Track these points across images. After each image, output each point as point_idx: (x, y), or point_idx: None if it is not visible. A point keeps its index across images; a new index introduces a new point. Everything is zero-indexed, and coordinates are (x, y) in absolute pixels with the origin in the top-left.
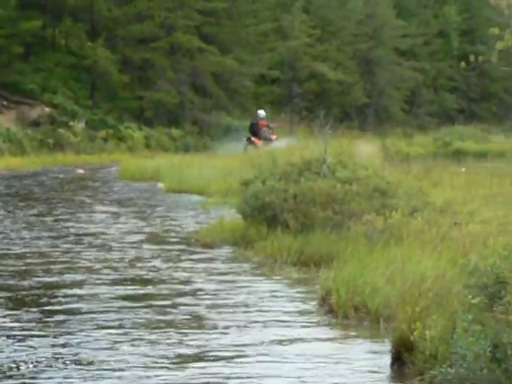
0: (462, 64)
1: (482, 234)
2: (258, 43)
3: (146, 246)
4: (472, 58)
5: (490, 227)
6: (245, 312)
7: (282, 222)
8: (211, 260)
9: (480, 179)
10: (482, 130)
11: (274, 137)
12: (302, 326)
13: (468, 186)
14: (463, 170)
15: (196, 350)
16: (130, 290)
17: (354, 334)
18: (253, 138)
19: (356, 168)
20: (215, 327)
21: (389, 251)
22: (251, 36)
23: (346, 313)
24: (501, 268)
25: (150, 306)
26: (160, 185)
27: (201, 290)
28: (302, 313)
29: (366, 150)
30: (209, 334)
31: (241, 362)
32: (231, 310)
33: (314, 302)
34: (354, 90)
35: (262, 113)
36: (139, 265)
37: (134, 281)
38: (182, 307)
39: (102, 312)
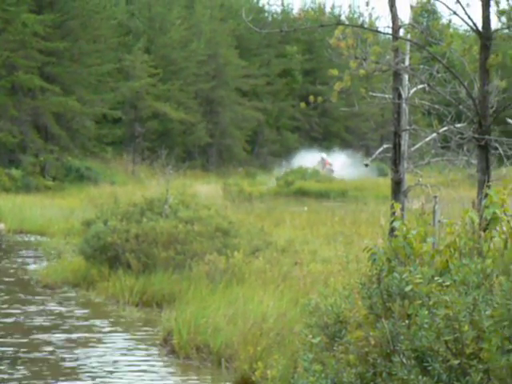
0: (302, 104)
1: (323, 273)
2: (99, 83)
3: None
4: (311, 98)
5: (331, 266)
6: (84, 354)
7: (124, 263)
8: (51, 301)
9: (321, 218)
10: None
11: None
12: (143, 368)
13: (310, 225)
14: (305, 209)
15: None
16: None
17: (195, 375)
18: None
19: (198, 208)
20: (54, 371)
21: (231, 291)
22: (93, 76)
23: (187, 353)
24: (341, 307)
25: None
26: (0, 226)
27: (37, 332)
28: (143, 354)
29: (208, 189)
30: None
31: None
32: (69, 355)
33: (155, 343)
34: (196, 130)
35: (325, 155)
36: None
37: None
38: (16, 352)
39: None
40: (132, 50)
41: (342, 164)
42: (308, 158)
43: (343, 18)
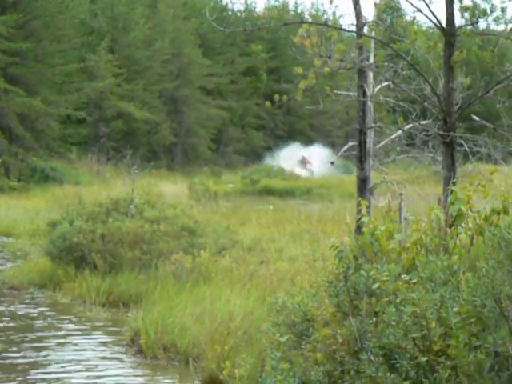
0: (267, 104)
1: (290, 271)
2: (64, 83)
3: None
4: (277, 97)
5: (298, 264)
6: (50, 355)
7: (90, 263)
8: (18, 303)
9: (287, 216)
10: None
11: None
12: (110, 369)
13: (275, 224)
14: (271, 207)
15: None
16: None
17: (163, 374)
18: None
19: (164, 207)
20: (20, 373)
21: (198, 290)
22: (57, 76)
23: (155, 353)
24: (308, 306)
25: None
26: None
27: (3, 334)
28: (110, 354)
29: (174, 189)
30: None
31: None
32: (36, 356)
33: (122, 343)
34: (161, 129)
35: (306, 154)
36: None
37: None
38: None
39: None
40: (96, 50)
41: (319, 161)
42: (285, 157)
43: (307, 15)
